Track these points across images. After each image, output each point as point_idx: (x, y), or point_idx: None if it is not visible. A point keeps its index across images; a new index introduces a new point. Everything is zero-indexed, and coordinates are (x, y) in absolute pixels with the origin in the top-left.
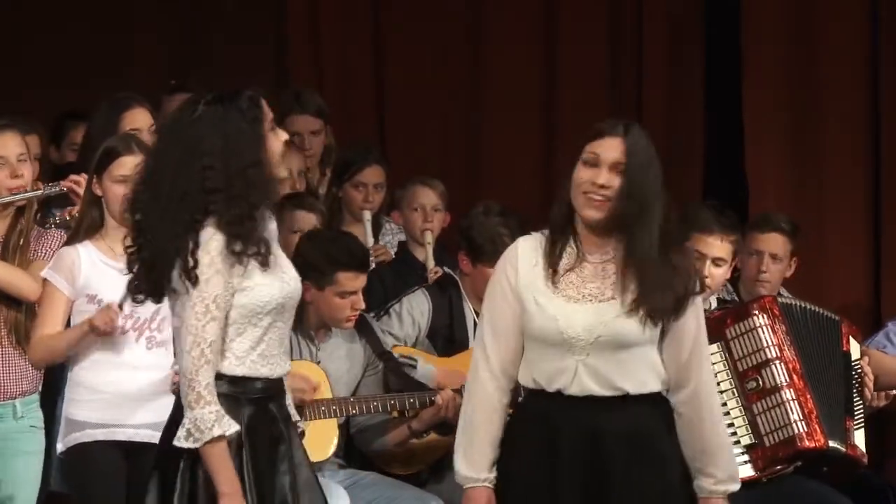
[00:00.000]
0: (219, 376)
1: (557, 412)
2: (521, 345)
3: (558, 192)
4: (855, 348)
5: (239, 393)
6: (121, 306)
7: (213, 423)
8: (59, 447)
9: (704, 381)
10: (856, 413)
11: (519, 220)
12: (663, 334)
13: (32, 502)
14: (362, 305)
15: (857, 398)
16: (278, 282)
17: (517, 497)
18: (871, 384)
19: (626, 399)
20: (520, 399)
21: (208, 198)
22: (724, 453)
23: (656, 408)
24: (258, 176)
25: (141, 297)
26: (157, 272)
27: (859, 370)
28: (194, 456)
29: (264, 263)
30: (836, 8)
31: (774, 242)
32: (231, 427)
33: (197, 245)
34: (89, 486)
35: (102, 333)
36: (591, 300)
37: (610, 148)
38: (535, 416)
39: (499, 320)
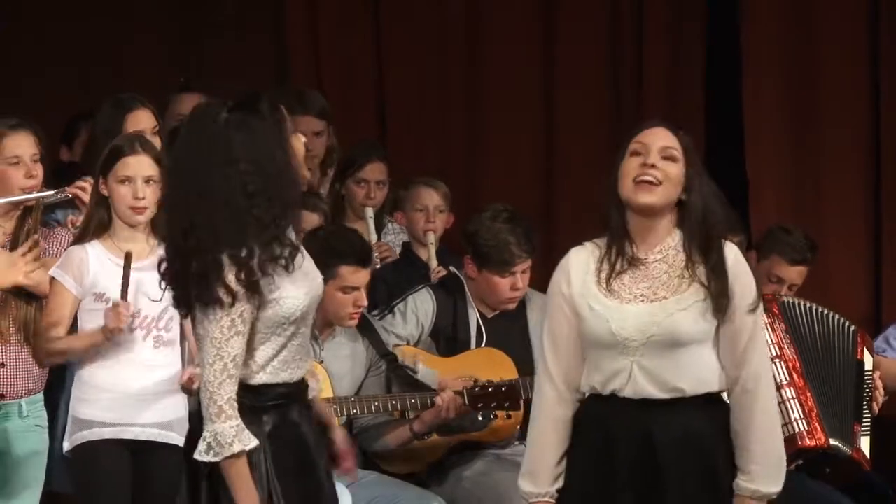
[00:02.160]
0: (241, 386)
1: (612, 416)
2: (581, 356)
3: (602, 200)
4: (868, 360)
5: (261, 401)
6: (123, 297)
7: (233, 437)
8: (66, 446)
9: (754, 377)
10: (864, 420)
11: (527, 225)
12: (718, 331)
13: (36, 502)
14: (365, 303)
15: (866, 407)
16: (304, 290)
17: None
18: (880, 399)
19: (682, 401)
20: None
21: (251, 202)
22: (766, 452)
23: (711, 410)
24: (290, 177)
25: (179, 308)
26: (206, 281)
27: (870, 382)
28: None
29: (287, 267)
30: (836, 8)
31: (800, 275)
32: (251, 442)
33: (252, 253)
34: (95, 484)
35: (117, 333)
36: (643, 300)
37: (656, 135)
38: (591, 421)
39: (557, 333)
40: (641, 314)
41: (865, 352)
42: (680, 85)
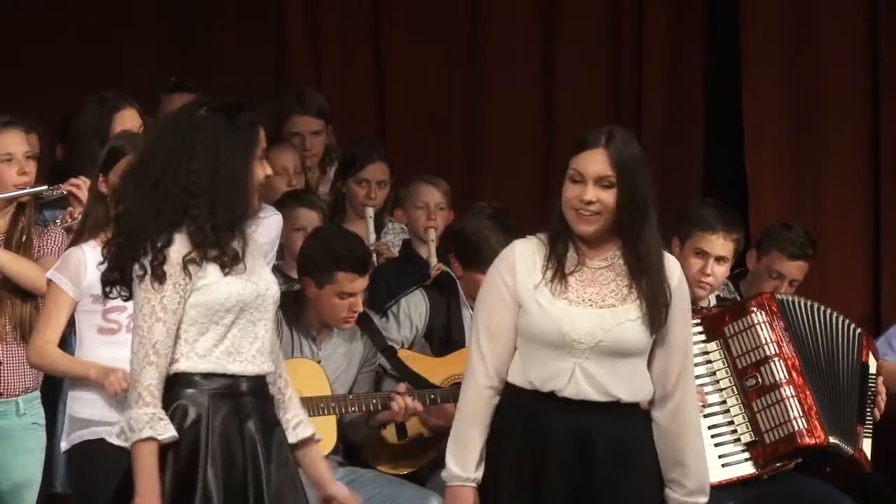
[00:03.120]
0: (181, 375)
1: (549, 413)
2: (514, 346)
3: (553, 202)
4: (873, 364)
5: (203, 388)
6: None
7: (144, 424)
8: (64, 445)
9: (689, 395)
10: (866, 423)
11: (510, 223)
12: (654, 346)
13: (33, 500)
14: (360, 308)
15: (869, 411)
16: (240, 281)
17: (505, 496)
18: (882, 405)
19: (616, 405)
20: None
21: (190, 200)
22: (699, 466)
23: (639, 417)
24: (239, 191)
25: (112, 290)
26: (125, 263)
27: (874, 386)
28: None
29: (224, 266)
30: (835, 8)
31: (800, 270)
32: (166, 432)
33: (170, 243)
34: (93, 483)
35: (109, 392)
36: (591, 305)
37: (592, 162)
38: (524, 416)
39: (496, 322)
40: (591, 319)
41: (870, 355)
42: (680, 85)
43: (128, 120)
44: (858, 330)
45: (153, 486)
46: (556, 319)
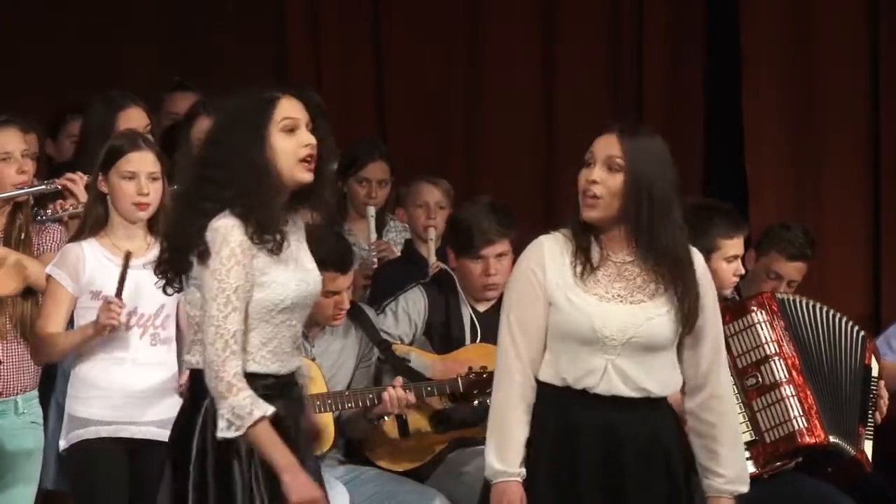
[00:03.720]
0: None
1: (581, 410)
2: (545, 342)
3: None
4: (875, 367)
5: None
6: (118, 295)
7: (251, 406)
8: (62, 444)
9: (723, 383)
10: (868, 424)
11: (508, 217)
12: (684, 337)
13: (31, 500)
14: (346, 305)
15: (871, 413)
16: (296, 280)
17: (543, 490)
18: (884, 408)
19: (645, 401)
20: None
21: (225, 186)
22: (736, 454)
23: (664, 409)
24: (258, 171)
25: (166, 284)
26: (177, 259)
27: (876, 389)
28: (205, 449)
29: (274, 251)
30: (835, 8)
31: (799, 271)
32: (269, 408)
33: (216, 230)
34: (92, 483)
35: (108, 330)
36: (620, 301)
37: (603, 144)
38: (557, 413)
39: (529, 318)
40: (622, 315)
41: (873, 359)
42: (680, 85)
43: (133, 119)
44: (862, 333)
45: (290, 458)
46: (588, 316)
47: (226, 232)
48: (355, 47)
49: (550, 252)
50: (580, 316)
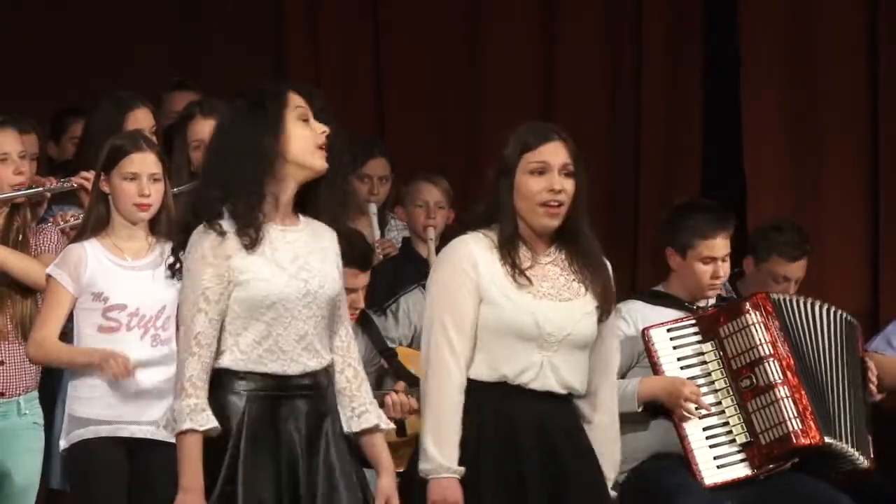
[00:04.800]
0: (223, 372)
1: (515, 404)
2: (475, 340)
3: (492, 203)
4: (866, 360)
5: (244, 388)
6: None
7: (186, 416)
8: (62, 444)
9: (614, 389)
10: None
11: None
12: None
13: (33, 500)
14: (361, 305)
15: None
16: (286, 277)
17: (488, 489)
18: (874, 384)
19: (568, 397)
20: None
21: (229, 183)
22: (617, 459)
23: (576, 408)
24: (267, 161)
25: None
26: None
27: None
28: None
29: (248, 247)
30: (834, 9)
31: (802, 268)
32: (207, 423)
33: (184, 242)
34: (91, 482)
35: (108, 376)
36: (551, 299)
37: (556, 153)
38: (492, 407)
39: (464, 316)
40: (558, 312)
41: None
42: (679, 85)
43: (141, 119)
44: (853, 321)
45: (196, 479)
46: (530, 312)
47: (198, 235)
48: (355, 47)
49: (478, 251)
50: (522, 313)
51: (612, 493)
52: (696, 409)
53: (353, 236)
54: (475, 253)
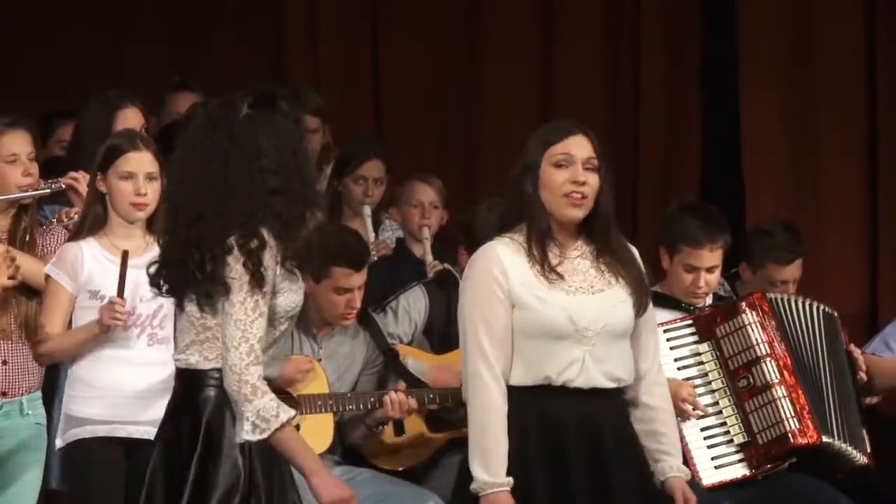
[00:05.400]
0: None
1: (562, 405)
2: (511, 346)
3: (517, 202)
4: (853, 351)
5: None
6: (120, 295)
7: (276, 409)
8: (58, 443)
9: (661, 369)
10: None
11: None
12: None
13: (34, 500)
14: (357, 305)
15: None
16: (301, 288)
17: (541, 493)
18: (863, 371)
19: (616, 391)
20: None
21: (272, 199)
22: (677, 443)
23: (622, 398)
24: (309, 176)
25: (158, 290)
26: (215, 267)
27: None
28: (204, 450)
29: (292, 271)
30: (833, 9)
31: (798, 268)
32: (292, 411)
33: (264, 245)
34: (87, 482)
35: (111, 329)
36: (584, 293)
37: (580, 146)
38: (537, 413)
39: (496, 325)
40: (592, 305)
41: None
42: (678, 85)
43: (130, 119)
44: (832, 312)
45: (318, 461)
46: (562, 309)
47: (262, 240)
48: (354, 47)
49: (507, 255)
50: (554, 311)
51: (680, 474)
52: (693, 409)
53: (348, 236)
54: (504, 258)
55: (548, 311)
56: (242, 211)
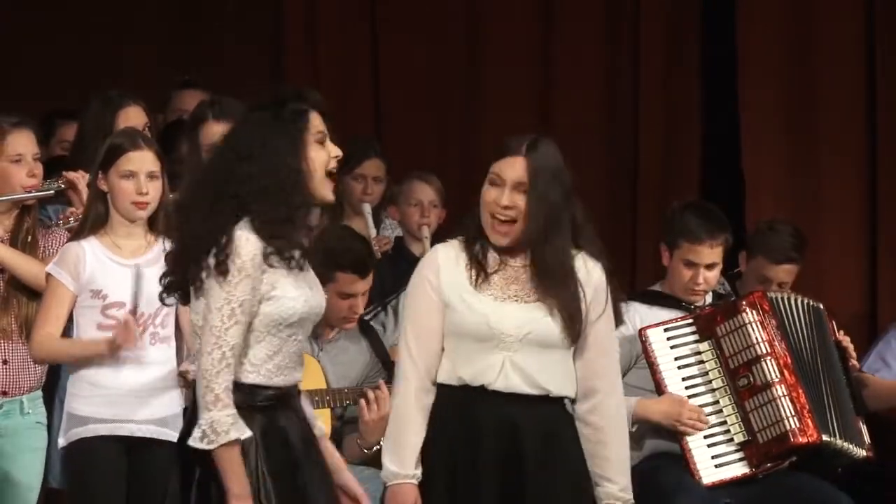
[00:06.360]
0: (234, 383)
1: (480, 407)
2: (442, 346)
3: (473, 207)
4: (842, 340)
5: (252, 400)
6: (134, 313)
7: (229, 426)
8: (61, 442)
9: (616, 391)
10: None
11: None
12: (572, 343)
13: (35, 499)
14: (360, 310)
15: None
16: (304, 296)
17: (440, 490)
18: (854, 359)
19: (545, 399)
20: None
21: (248, 198)
22: (626, 462)
23: (563, 413)
24: (294, 181)
25: (169, 297)
26: (187, 266)
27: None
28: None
29: (293, 268)
30: (832, 9)
31: (788, 273)
32: (246, 431)
33: (230, 239)
34: (90, 481)
35: (121, 349)
36: (516, 300)
37: (512, 167)
38: (455, 412)
39: (423, 323)
40: (518, 312)
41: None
42: (677, 85)
43: (132, 117)
44: (819, 305)
45: (246, 484)
46: (483, 314)
47: (239, 244)
48: (354, 47)
49: (445, 258)
50: (475, 315)
51: (626, 497)
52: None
53: (355, 241)
54: (439, 260)
55: (468, 315)
56: (225, 209)
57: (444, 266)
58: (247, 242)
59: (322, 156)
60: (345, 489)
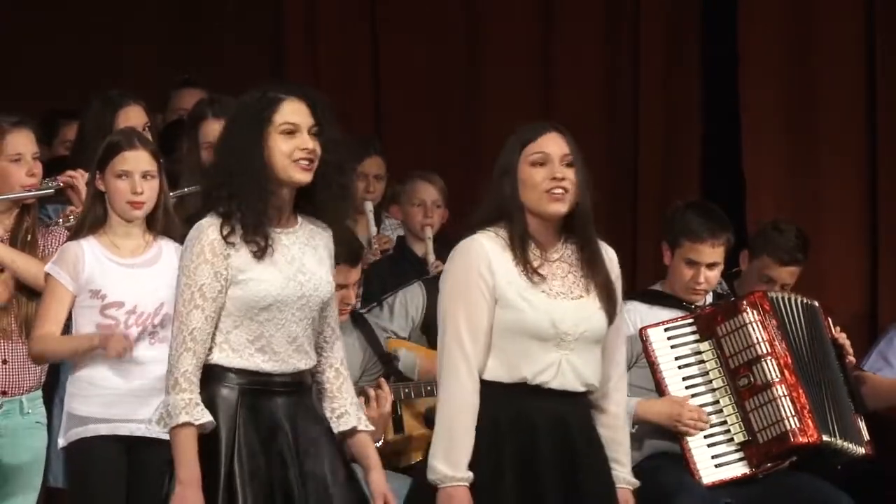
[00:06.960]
0: (215, 368)
1: (534, 405)
2: (489, 343)
3: (495, 205)
4: (838, 336)
5: (235, 382)
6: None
7: (181, 409)
8: (61, 442)
9: (623, 377)
10: (860, 408)
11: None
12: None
13: (35, 499)
14: (352, 300)
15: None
16: (282, 279)
17: (505, 491)
18: (850, 354)
19: (586, 394)
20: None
21: (213, 189)
22: (628, 441)
23: (589, 402)
24: (250, 169)
25: None
26: None
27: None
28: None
29: (258, 255)
30: (833, 9)
31: (791, 275)
32: (203, 417)
33: (194, 229)
34: (90, 481)
35: (112, 353)
36: (563, 297)
37: (555, 143)
38: (510, 410)
39: (478, 320)
40: (573, 310)
41: (830, 322)
42: (677, 85)
43: (133, 117)
44: (814, 303)
45: (194, 472)
46: (546, 312)
47: (199, 230)
48: (354, 47)
49: (493, 252)
50: (538, 313)
51: (627, 486)
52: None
53: (342, 233)
54: (490, 253)
55: (532, 313)
56: (202, 203)
57: (495, 259)
58: (207, 228)
59: (286, 146)
60: (371, 487)
